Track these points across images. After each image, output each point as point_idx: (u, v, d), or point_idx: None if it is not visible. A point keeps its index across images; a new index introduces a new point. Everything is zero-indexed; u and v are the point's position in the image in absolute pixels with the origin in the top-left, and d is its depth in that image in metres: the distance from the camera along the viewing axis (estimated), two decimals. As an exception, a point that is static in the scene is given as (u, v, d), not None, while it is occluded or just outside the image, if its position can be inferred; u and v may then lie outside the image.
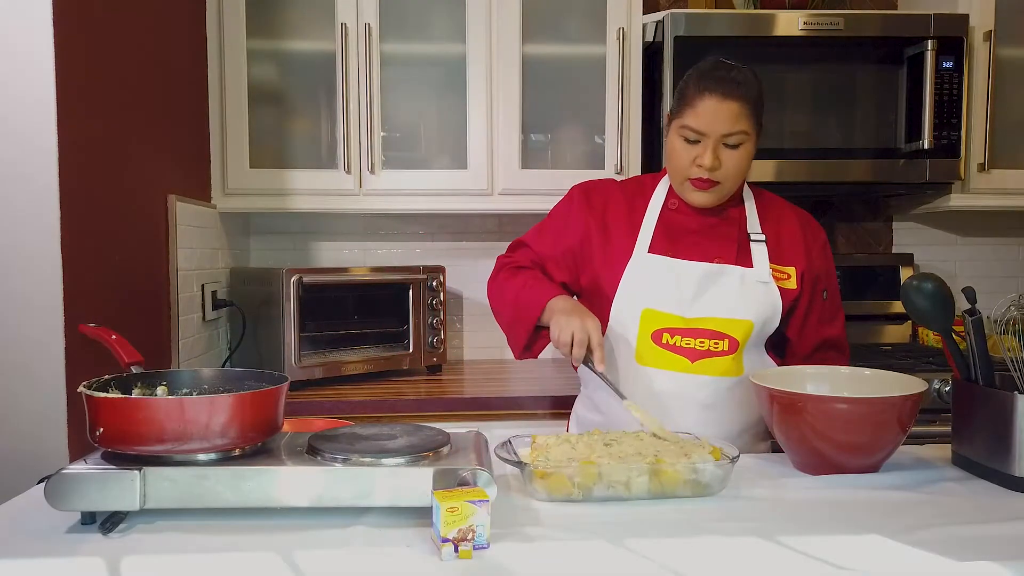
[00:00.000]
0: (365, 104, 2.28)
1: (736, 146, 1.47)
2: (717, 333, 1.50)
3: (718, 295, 1.51)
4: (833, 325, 1.64)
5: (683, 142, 1.49)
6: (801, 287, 1.57)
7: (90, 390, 1.05)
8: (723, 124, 1.45)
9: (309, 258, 2.68)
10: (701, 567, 0.94)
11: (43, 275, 1.41)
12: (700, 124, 1.45)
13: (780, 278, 1.55)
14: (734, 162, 1.48)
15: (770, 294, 1.53)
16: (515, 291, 1.58)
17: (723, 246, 1.56)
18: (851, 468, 1.27)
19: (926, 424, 1.87)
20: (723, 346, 1.50)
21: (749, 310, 1.51)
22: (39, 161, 1.40)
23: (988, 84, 2.32)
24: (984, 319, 1.29)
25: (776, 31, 2.27)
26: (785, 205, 1.66)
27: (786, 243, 1.59)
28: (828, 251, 1.65)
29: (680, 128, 1.49)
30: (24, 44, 1.39)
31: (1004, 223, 2.78)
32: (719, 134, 1.45)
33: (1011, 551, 0.97)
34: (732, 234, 1.57)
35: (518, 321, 1.57)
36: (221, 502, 1.03)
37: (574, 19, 2.36)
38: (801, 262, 1.58)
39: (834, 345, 1.64)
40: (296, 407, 1.97)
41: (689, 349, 1.50)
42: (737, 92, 1.44)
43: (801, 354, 1.63)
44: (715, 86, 1.44)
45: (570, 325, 1.43)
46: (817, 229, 1.65)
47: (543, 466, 1.15)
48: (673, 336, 1.51)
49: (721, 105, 1.44)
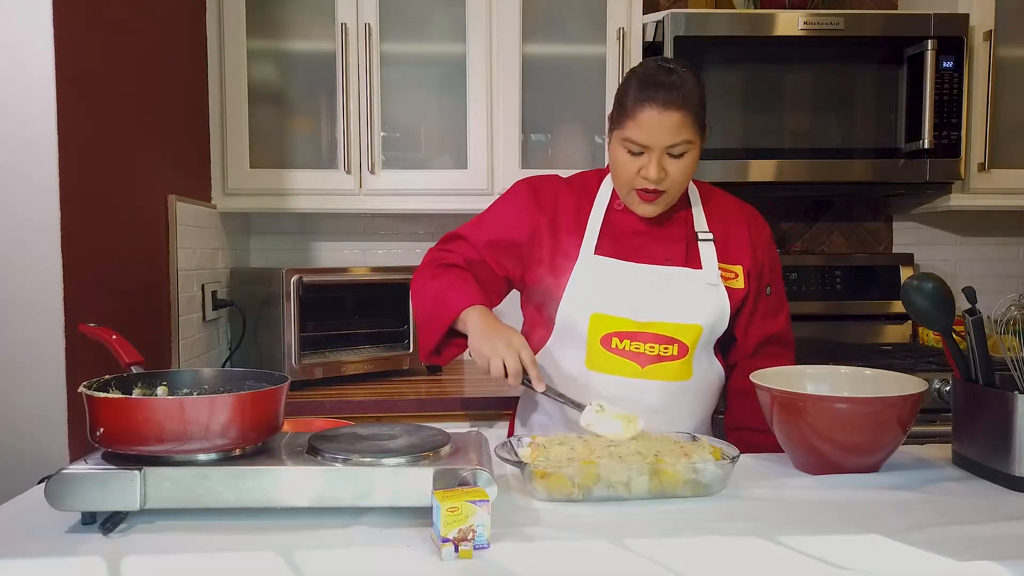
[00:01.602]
0: (365, 104, 2.28)
1: (681, 155, 1.44)
2: (667, 338, 1.48)
3: (667, 299, 1.49)
4: (776, 320, 1.61)
5: (626, 153, 1.45)
6: (748, 285, 1.55)
7: (90, 390, 1.05)
8: (665, 136, 1.40)
9: (309, 258, 2.68)
10: (701, 567, 0.94)
11: (43, 275, 1.41)
12: (642, 137, 1.41)
13: (728, 277, 1.54)
14: (680, 170, 1.44)
15: (719, 297, 1.51)
16: (436, 290, 1.51)
17: (671, 248, 1.53)
18: (851, 468, 1.27)
19: (926, 424, 1.87)
20: (673, 351, 1.48)
21: (698, 314, 1.49)
22: (39, 161, 1.40)
23: (988, 84, 2.32)
24: (984, 319, 1.29)
25: (776, 31, 2.27)
26: (731, 201, 1.63)
27: (733, 241, 1.57)
28: (773, 246, 1.64)
29: (622, 140, 1.45)
30: (24, 44, 1.39)
31: (1004, 223, 2.78)
32: (662, 146, 1.41)
33: (1011, 551, 0.96)
34: (679, 235, 1.54)
35: (431, 322, 1.51)
36: (221, 502, 1.03)
37: (574, 19, 2.37)
38: (748, 260, 1.56)
39: (778, 340, 1.61)
40: (296, 407, 1.97)
41: (639, 354, 1.48)
42: (677, 102, 1.39)
43: (745, 352, 1.60)
44: (655, 96, 1.39)
45: (496, 351, 1.36)
46: (762, 224, 1.62)
47: (543, 466, 1.15)
48: (623, 340, 1.48)
49: (663, 116, 1.39)
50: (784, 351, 1.63)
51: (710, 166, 2.27)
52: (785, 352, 1.63)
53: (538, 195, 1.59)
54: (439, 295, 1.50)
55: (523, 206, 1.58)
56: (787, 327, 1.64)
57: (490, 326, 1.42)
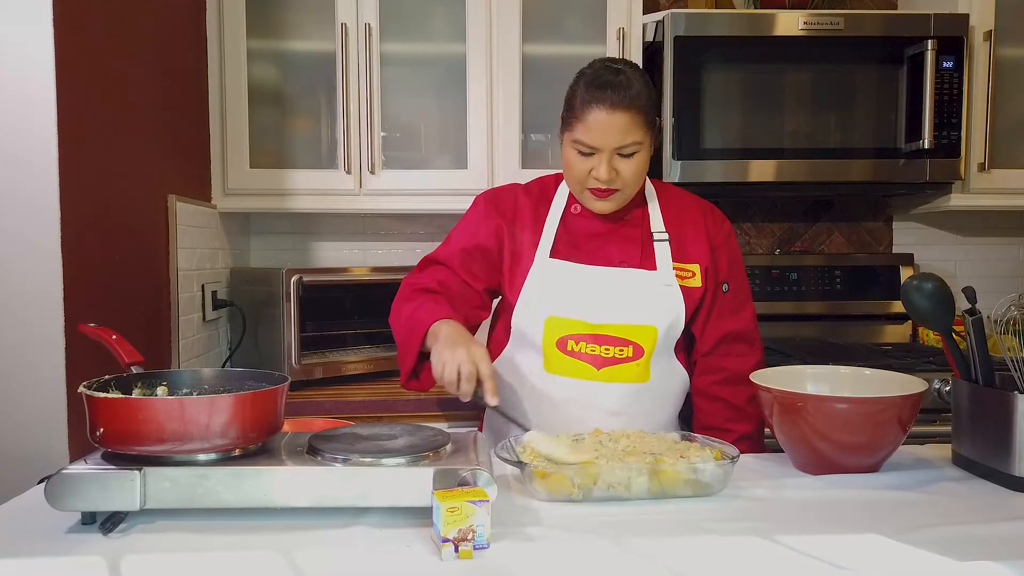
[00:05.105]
0: (365, 104, 2.28)
1: (631, 155, 1.44)
2: (621, 340, 1.48)
3: (622, 300, 1.49)
4: (737, 317, 1.59)
5: (577, 154, 1.46)
6: (705, 284, 1.54)
7: (90, 390, 1.05)
8: (614, 138, 1.41)
9: (309, 258, 2.68)
10: (701, 567, 0.94)
11: (43, 275, 1.41)
12: (591, 139, 1.42)
13: (684, 276, 1.53)
14: (631, 169, 1.45)
15: (674, 298, 1.51)
16: (407, 314, 1.50)
17: (626, 249, 1.54)
18: (851, 468, 1.27)
19: (926, 424, 1.87)
20: (628, 352, 1.48)
21: (653, 315, 1.49)
22: (39, 161, 1.40)
23: (988, 84, 2.31)
24: (984, 319, 1.29)
25: (776, 31, 2.27)
26: (689, 199, 1.62)
27: (689, 239, 1.56)
28: (733, 241, 1.62)
29: (572, 142, 1.46)
30: (24, 44, 1.39)
31: (1004, 223, 2.78)
32: (611, 147, 1.42)
33: (1011, 551, 0.97)
34: (635, 236, 1.55)
35: (404, 345, 1.49)
36: (221, 502, 1.03)
37: (574, 19, 2.36)
38: (705, 257, 1.55)
39: (739, 338, 1.59)
40: (296, 407, 1.97)
41: (594, 356, 1.48)
42: (624, 103, 1.40)
43: (703, 350, 1.59)
44: (602, 97, 1.40)
45: (455, 358, 1.31)
46: (721, 220, 1.62)
47: (543, 466, 1.15)
48: (578, 343, 1.48)
49: (611, 118, 1.40)
50: (747, 349, 1.60)
51: (710, 166, 2.27)
52: (748, 350, 1.60)
53: (497, 203, 1.61)
54: (411, 316, 1.49)
55: (484, 215, 1.60)
56: (751, 325, 1.61)
57: (454, 337, 1.38)
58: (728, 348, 1.59)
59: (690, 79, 2.25)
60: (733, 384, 1.55)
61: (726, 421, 1.56)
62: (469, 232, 1.60)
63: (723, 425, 1.55)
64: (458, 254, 1.58)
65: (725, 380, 1.56)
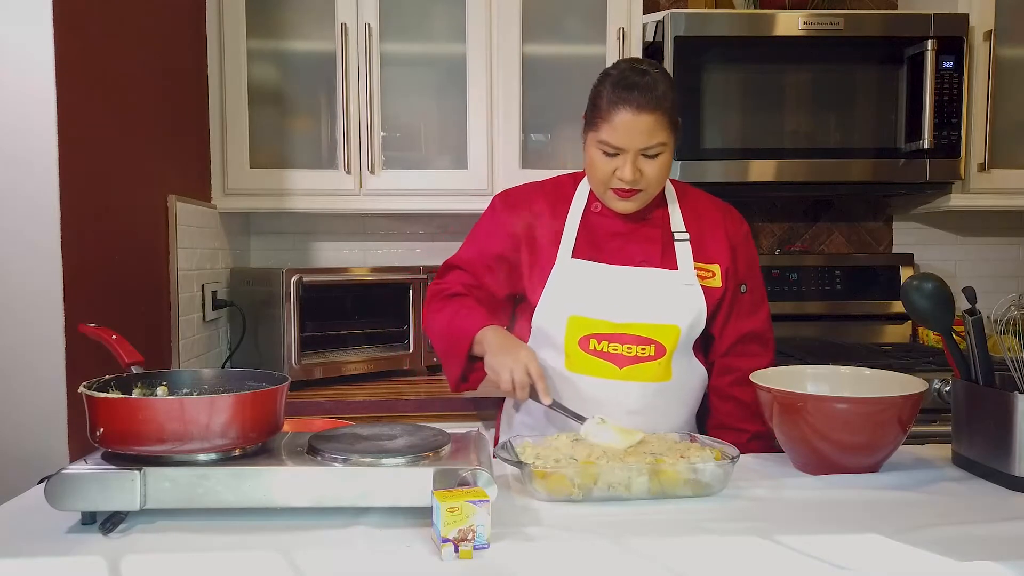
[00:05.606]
0: (365, 104, 2.28)
1: (655, 155, 1.45)
2: (644, 339, 1.48)
3: (644, 300, 1.50)
4: (754, 318, 1.60)
5: (602, 155, 1.46)
6: (725, 284, 1.55)
7: (90, 390, 1.05)
8: (639, 139, 1.42)
9: (309, 258, 2.68)
10: (701, 567, 0.94)
11: (43, 275, 1.41)
12: (616, 140, 1.43)
13: (705, 276, 1.54)
14: (655, 171, 1.46)
15: (695, 297, 1.52)
16: (445, 322, 1.55)
17: (647, 249, 1.54)
18: (851, 468, 1.27)
19: (926, 424, 1.86)
20: (650, 351, 1.48)
21: (675, 315, 1.50)
22: (39, 161, 1.40)
23: (988, 84, 2.31)
24: (984, 319, 1.29)
25: (776, 31, 2.27)
26: (708, 200, 1.63)
27: (709, 239, 1.57)
28: (751, 242, 1.63)
29: (597, 142, 1.46)
30: (24, 44, 1.39)
31: (1004, 223, 2.78)
32: (637, 148, 1.43)
33: (1011, 551, 0.97)
34: (656, 236, 1.55)
35: (450, 354, 1.55)
36: (221, 502, 1.03)
37: (574, 19, 2.36)
38: (725, 258, 1.56)
39: (755, 338, 1.60)
40: (296, 407, 1.97)
41: (617, 355, 1.49)
42: (651, 105, 1.40)
43: (721, 350, 1.60)
44: (628, 98, 1.40)
45: (505, 366, 1.40)
46: (739, 221, 1.63)
47: (543, 466, 1.15)
48: (600, 342, 1.49)
49: (636, 119, 1.40)
50: (761, 349, 1.61)
51: (710, 166, 2.27)
52: (762, 350, 1.61)
53: (514, 206, 1.61)
54: (450, 325, 1.53)
55: (501, 220, 1.61)
56: (766, 326, 1.63)
57: (501, 343, 1.44)
58: (743, 348, 1.60)
59: (690, 79, 2.25)
60: (746, 384, 1.56)
61: (739, 420, 1.57)
62: (486, 239, 1.62)
63: (736, 424, 1.56)
64: (478, 262, 1.61)
65: (738, 380, 1.57)
